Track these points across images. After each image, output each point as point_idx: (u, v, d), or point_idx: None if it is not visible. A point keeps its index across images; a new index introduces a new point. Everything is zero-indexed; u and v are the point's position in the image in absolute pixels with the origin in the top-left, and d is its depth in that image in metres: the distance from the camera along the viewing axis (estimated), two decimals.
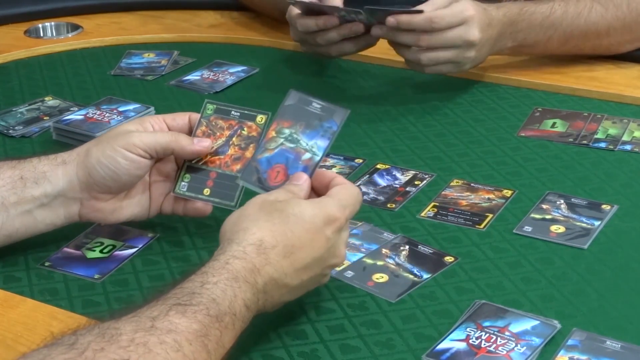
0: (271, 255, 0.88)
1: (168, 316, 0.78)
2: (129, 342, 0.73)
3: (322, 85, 1.54)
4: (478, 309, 0.96)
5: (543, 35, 1.46)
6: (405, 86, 1.51)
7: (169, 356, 0.74)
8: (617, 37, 1.49)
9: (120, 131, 1.04)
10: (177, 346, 0.76)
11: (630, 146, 1.30)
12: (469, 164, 1.27)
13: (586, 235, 1.09)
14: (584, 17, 1.46)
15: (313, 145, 1.02)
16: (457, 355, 0.89)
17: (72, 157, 1.04)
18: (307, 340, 0.93)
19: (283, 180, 1.01)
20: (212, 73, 1.58)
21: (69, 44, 1.71)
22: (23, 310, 0.99)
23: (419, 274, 1.03)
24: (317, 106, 1.04)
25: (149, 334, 0.75)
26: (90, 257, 1.07)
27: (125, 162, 1.02)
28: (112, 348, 0.73)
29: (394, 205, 1.17)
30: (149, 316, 0.78)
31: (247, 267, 0.86)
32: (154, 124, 1.06)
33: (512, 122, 1.39)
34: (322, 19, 1.45)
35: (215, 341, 0.80)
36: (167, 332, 0.76)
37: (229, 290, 0.83)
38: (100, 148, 1.02)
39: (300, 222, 0.90)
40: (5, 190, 1.02)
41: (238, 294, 0.84)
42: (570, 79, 1.50)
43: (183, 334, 0.77)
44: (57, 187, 1.03)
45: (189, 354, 0.76)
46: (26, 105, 1.47)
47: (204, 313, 0.80)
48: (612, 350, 0.90)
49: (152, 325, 0.76)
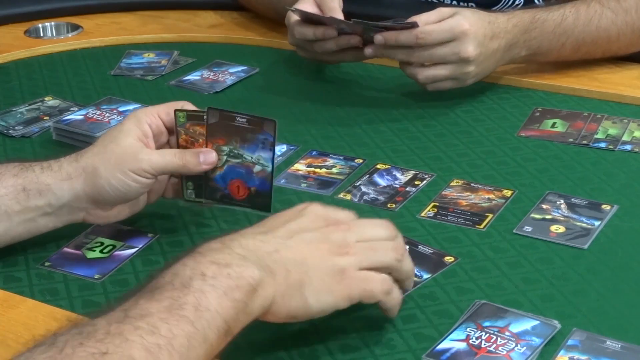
0: (241, 231, 0.89)
1: (138, 304, 0.78)
2: (105, 335, 0.74)
3: (322, 85, 1.54)
4: (478, 309, 0.96)
5: (557, 42, 1.45)
6: (406, 86, 1.51)
7: (145, 341, 0.74)
8: (626, 42, 1.49)
9: (126, 148, 1.04)
10: (152, 328, 0.75)
11: (630, 146, 1.30)
12: (469, 164, 1.27)
13: (586, 235, 1.09)
14: (595, 24, 1.46)
15: (258, 157, 1.05)
16: (457, 355, 0.89)
17: (78, 171, 1.04)
18: (307, 340, 0.93)
19: (247, 194, 1.06)
20: (212, 73, 1.58)
21: (69, 44, 1.71)
22: (23, 310, 0.99)
23: (419, 274, 1.03)
24: (243, 120, 1.06)
25: (123, 324, 0.75)
26: (91, 257, 1.08)
27: (136, 185, 1.04)
28: (89, 342, 0.73)
29: (394, 205, 1.17)
30: (121, 309, 0.78)
31: (211, 243, 0.86)
32: (151, 124, 1.06)
33: (512, 122, 1.39)
34: (321, 30, 1.44)
35: (193, 308, 0.78)
36: (140, 318, 0.76)
37: (189, 261, 0.82)
38: (110, 169, 1.03)
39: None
40: (8, 200, 1.02)
41: (201, 260, 0.82)
42: (570, 79, 1.50)
43: (155, 315, 0.76)
44: (62, 200, 1.04)
45: (166, 333, 0.75)
46: (26, 105, 1.47)
47: (169, 288, 0.79)
48: (612, 350, 0.90)
49: (125, 316, 0.76)
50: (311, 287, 0.87)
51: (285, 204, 1.16)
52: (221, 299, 0.80)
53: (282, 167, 1.27)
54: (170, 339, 0.75)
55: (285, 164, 1.28)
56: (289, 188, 1.22)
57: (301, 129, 1.38)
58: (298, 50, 1.54)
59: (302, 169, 1.26)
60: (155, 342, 0.74)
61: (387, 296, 0.91)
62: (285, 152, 1.31)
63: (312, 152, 1.31)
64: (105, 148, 1.04)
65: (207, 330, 0.78)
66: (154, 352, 0.74)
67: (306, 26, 1.46)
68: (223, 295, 0.80)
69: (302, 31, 1.47)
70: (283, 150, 1.31)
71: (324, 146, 1.33)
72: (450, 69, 1.38)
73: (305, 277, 0.86)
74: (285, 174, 1.25)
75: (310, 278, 0.87)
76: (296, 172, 1.26)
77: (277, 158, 1.29)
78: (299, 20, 1.47)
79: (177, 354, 0.75)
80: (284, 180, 1.24)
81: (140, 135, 1.05)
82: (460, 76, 1.39)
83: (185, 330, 0.76)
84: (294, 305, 0.86)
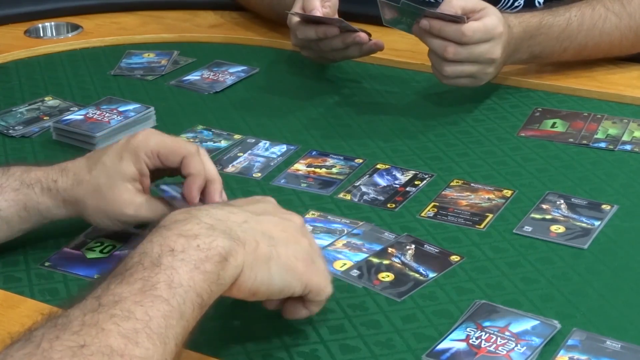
0: (204, 206, 0.89)
1: (109, 290, 0.76)
2: (81, 326, 0.73)
3: (322, 85, 1.54)
4: (478, 309, 0.96)
5: (559, 47, 1.45)
6: (406, 86, 1.51)
7: (121, 328, 0.73)
8: (628, 45, 1.49)
9: (117, 196, 1.03)
10: (127, 314, 0.74)
11: (630, 146, 1.30)
12: (469, 164, 1.27)
13: (586, 235, 1.09)
14: (598, 29, 1.45)
15: None
16: (457, 355, 0.89)
17: (72, 199, 1.04)
18: (307, 340, 0.93)
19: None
20: (212, 73, 1.58)
21: (69, 44, 1.71)
22: (23, 310, 0.99)
23: (425, 273, 1.03)
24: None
25: (98, 313, 0.74)
26: (90, 257, 1.08)
27: (122, 226, 1.06)
28: (65, 335, 0.72)
29: (394, 205, 1.17)
30: (94, 296, 0.76)
31: (175, 214, 0.85)
32: (148, 163, 1.04)
33: (512, 122, 1.39)
34: (322, 29, 1.44)
35: (166, 285, 0.77)
36: (114, 305, 0.74)
37: (155, 237, 0.81)
38: (99, 213, 1.04)
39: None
40: (9, 213, 1.04)
41: (167, 234, 0.81)
42: (570, 79, 1.50)
43: (129, 300, 0.75)
44: (64, 215, 1.07)
45: (142, 316, 0.74)
46: (26, 105, 1.47)
47: (140, 269, 0.78)
48: (612, 350, 0.90)
49: (98, 304, 0.75)
50: (279, 262, 0.86)
51: (286, 204, 1.16)
52: (192, 272, 0.78)
53: (282, 167, 1.27)
54: (147, 321, 0.74)
55: (285, 164, 1.28)
56: (289, 188, 1.22)
57: (301, 129, 1.38)
58: (302, 51, 1.54)
59: (302, 169, 1.26)
60: (132, 327, 0.73)
61: (323, 302, 0.92)
62: (285, 152, 1.31)
63: (312, 152, 1.31)
64: (99, 187, 1.04)
65: (182, 306, 0.77)
66: (132, 337, 0.72)
67: (308, 26, 1.46)
68: (194, 269, 0.79)
69: (305, 32, 1.47)
70: (283, 150, 1.31)
71: (324, 146, 1.33)
72: (477, 67, 1.37)
73: (274, 251, 0.86)
74: (285, 174, 1.25)
75: (278, 253, 0.86)
76: (296, 172, 1.26)
77: (277, 158, 1.29)
78: (300, 22, 1.47)
79: (156, 335, 0.74)
80: (284, 180, 1.24)
81: (135, 175, 1.04)
82: (481, 76, 1.38)
83: (161, 310, 0.75)
84: (259, 279, 0.84)
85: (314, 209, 1.16)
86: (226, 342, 0.93)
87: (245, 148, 1.32)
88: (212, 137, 1.35)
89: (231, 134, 1.36)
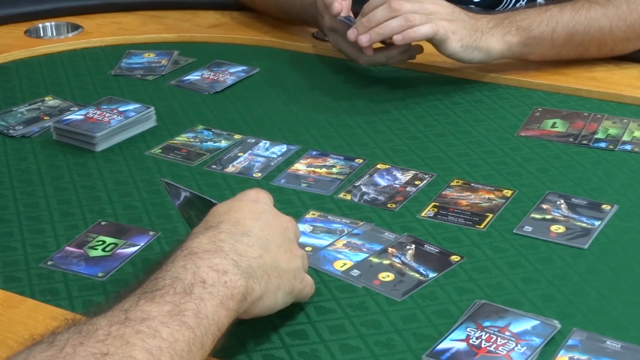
0: (221, 227, 0.90)
1: (139, 306, 0.79)
2: (106, 336, 0.74)
3: (322, 85, 1.54)
4: (478, 309, 0.96)
5: (546, 25, 1.46)
6: (406, 86, 1.51)
7: (146, 344, 0.75)
8: (621, 36, 1.49)
9: None
10: (153, 332, 0.76)
11: (630, 146, 1.30)
12: (469, 164, 1.27)
13: (586, 235, 1.09)
14: (583, 14, 1.47)
15: None
16: (457, 355, 0.89)
17: None
18: (307, 340, 0.93)
19: None
20: (212, 73, 1.58)
21: (69, 44, 1.71)
22: (23, 310, 0.99)
23: (425, 273, 1.03)
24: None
25: (124, 326, 0.76)
26: (93, 255, 1.08)
27: None
28: (90, 342, 0.73)
29: (394, 205, 1.17)
30: (121, 309, 0.78)
31: (202, 241, 0.87)
32: None
33: (512, 122, 1.39)
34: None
35: (194, 315, 0.79)
36: (141, 321, 0.77)
37: (188, 264, 0.84)
38: None
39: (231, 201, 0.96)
40: None
41: (200, 264, 0.84)
42: (570, 79, 1.50)
43: (157, 319, 0.77)
44: None
45: (168, 337, 0.76)
46: (26, 105, 1.47)
47: (171, 293, 0.80)
48: (612, 350, 0.90)
49: (125, 318, 0.77)
50: (285, 290, 0.92)
51: (286, 204, 1.17)
52: (218, 307, 0.82)
53: (282, 167, 1.27)
54: (172, 342, 0.76)
55: (285, 164, 1.28)
56: (289, 188, 1.22)
57: (301, 129, 1.38)
58: (329, 34, 1.54)
59: (302, 169, 1.26)
60: (157, 345, 0.75)
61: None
62: (285, 152, 1.31)
63: (312, 152, 1.31)
64: None
65: (204, 337, 0.80)
66: (156, 354, 0.75)
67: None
68: (220, 305, 0.82)
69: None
70: (283, 150, 1.31)
71: (324, 146, 1.33)
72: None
73: (280, 281, 0.91)
74: (285, 174, 1.25)
75: (282, 280, 0.91)
76: (296, 172, 1.26)
77: (278, 158, 1.29)
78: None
79: (178, 357, 0.76)
80: (284, 180, 1.24)
81: None
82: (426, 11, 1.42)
83: (186, 335, 0.78)
84: (266, 306, 0.90)
85: (314, 209, 1.16)
86: (226, 342, 0.93)
87: (245, 148, 1.32)
88: (212, 137, 1.36)
89: (231, 133, 1.37)
